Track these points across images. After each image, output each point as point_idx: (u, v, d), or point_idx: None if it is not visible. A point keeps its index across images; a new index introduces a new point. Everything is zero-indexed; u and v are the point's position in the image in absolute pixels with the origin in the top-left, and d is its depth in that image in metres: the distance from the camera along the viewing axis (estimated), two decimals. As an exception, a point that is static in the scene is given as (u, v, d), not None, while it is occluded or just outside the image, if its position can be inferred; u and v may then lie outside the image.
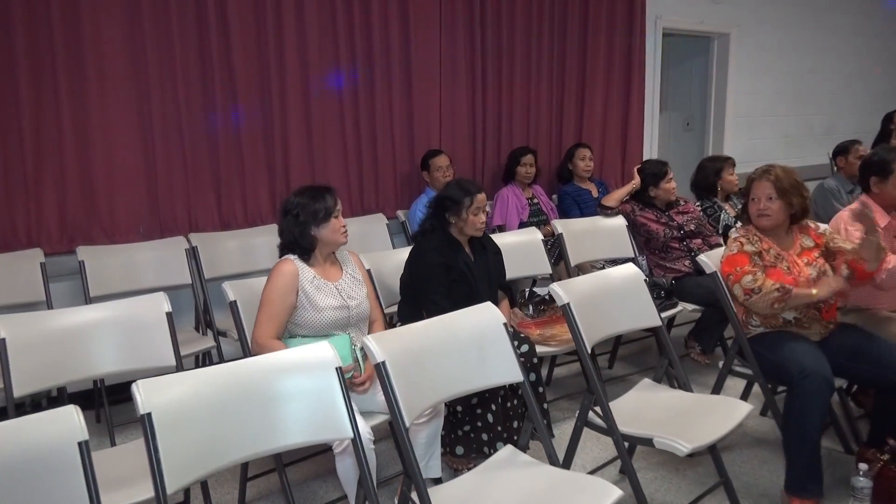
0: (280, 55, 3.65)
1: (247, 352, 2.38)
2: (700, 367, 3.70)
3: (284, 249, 2.42)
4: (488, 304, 2.14)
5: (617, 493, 1.76)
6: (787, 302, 2.45)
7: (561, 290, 2.30)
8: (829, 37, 6.76)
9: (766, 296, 2.43)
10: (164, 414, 1.49)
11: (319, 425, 1.68)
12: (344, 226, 2.44)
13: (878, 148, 3.29)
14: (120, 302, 2.21)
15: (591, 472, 2.62)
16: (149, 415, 1.48)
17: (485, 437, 2.63)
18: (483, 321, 2.09)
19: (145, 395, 1.50)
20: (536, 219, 4.34)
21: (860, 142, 4.39)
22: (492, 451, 2.55)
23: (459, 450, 2.65)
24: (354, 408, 2.17)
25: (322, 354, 1.75)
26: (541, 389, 2.76)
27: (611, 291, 2.51)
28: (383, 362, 1.77)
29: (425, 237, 2.72)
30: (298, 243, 2.37)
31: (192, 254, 3.36)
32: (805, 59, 6.60)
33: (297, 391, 1.67)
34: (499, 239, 3.42)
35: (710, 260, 2.79)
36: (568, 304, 2.29)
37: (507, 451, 2.08)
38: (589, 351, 2.28)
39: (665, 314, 3.35)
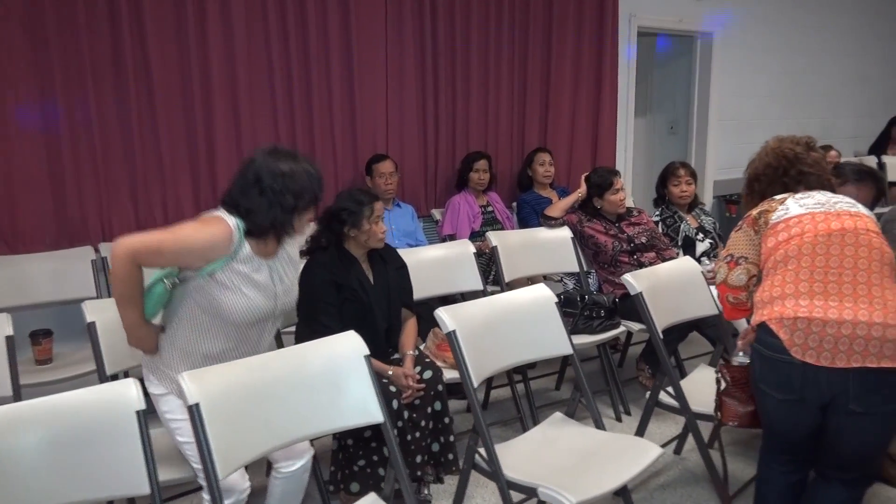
0: (202, 49, 3.42)
1: (104, 379, 2.16)
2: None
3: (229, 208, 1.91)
4: (350, 334, 1.90)
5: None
6: None
7: (446, 316, 2.06)
8: (824, 36, 6.41)
9: None
10: None
11: (102, 482, 1.44)
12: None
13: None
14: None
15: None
16: None
17: (382, 472, 2.39)
18: (341, 353, 1.85)
19: None
20: (490, 228, 4.08)
21: (832, 146, 4.08)
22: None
23: (354, 486, 2.41)
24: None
25: (121, 396, 1.52)
26: (447, 420, 2.51)
27: (513, 316, 2.25)
28: (196, 405, 1.54)
29: (316, 253, 2.48)
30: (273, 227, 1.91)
31: (101, 264, 3.16)
32: (798, 59, 6.27)
33: (71, 442, 1.43)
34: (428, 252, 3.20)
35: (637, 279, 2.53)
36: (453, 331, 2.04)
37: (368, 501, 1.83)
38: (475, 385, 2.03)
39: (604, 336, 3.09)
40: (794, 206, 1.94)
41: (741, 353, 2.06)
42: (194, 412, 1.53)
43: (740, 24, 5.73)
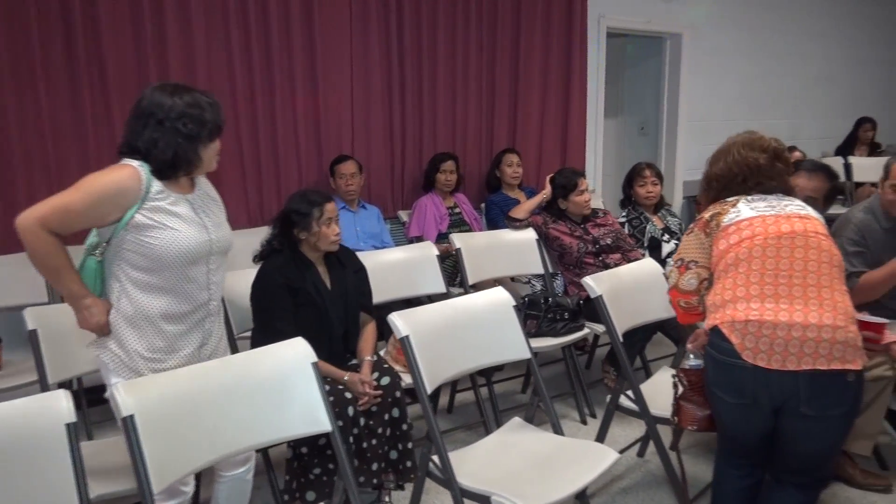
0: (160, 49, 3.35)
1: (46, 388, 2.09)
2: (616, 393, 3.41)
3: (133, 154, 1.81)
4: (298, 341, 1.85)
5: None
6: None
7: (400, 321, 2.02)
8: (792, 39, 6.47)
9: None
10: None
11: (27, 500, 1.38)
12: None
13: None
14: None
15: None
16: None
17: (338, 480, 2.34)
18: (287, 360, 1.80)
19: None
20: (458, 229, 4.05)
21: (795, 147, 4.11)
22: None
23: (310, 495, 2.35)
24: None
25: (50, 408, 1.45)
26: (405, 426, 2.47)
27: (470, 320, 2.22)
28: (130, 417, 1.48)
29: (271, 257, 2.42)
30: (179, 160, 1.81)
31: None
32: (766, 61, 6.32)
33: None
34: (390, 254, 3.16)
35: (598, 282, 2.51)
36: (406, 336, 2.00)
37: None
38: (428, 391, 1.99)
39: (567, 338, 3.07)
40: (746, 209, 1.93)
41: (692, 356, 2.04)
42: (128, 424, 1.47)
43: (709, 25, 5.76)
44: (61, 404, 1.46)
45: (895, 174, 2.52)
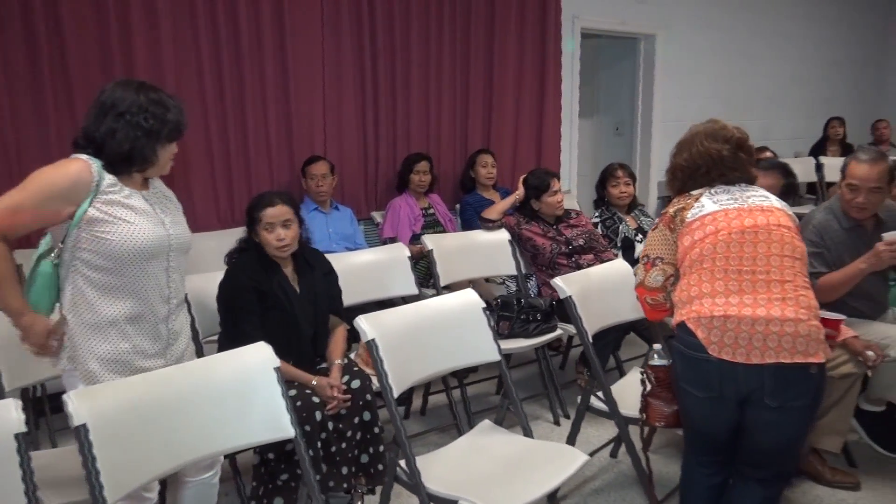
0: (127, 48, 3.29)
1: (2, 395, 2.04)
2: (589, 394, 3.41)
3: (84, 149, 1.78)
4: (261, 345, 1.81)
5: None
6: None
7: (366, 324, 1.99)
8: (765, 39, 6.55)
9: None
10: None
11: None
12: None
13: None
14: None
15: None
16: None
17: (303, 486, 2.30)
18: (249, 365, 1.76)
19: None
20: (432, 230, 4.03)
21: (766, 148, 4.14)
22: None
23: (278, 501, 2.31)
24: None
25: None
26: (376, 430, 2.44)
27: (438, 323, 2.20)
28: (83, 426, 1.44)
29: (239, 258, 2.38)
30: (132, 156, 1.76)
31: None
32: (740, 61, 6.38)
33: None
34: (361, 256, 3.13)
35: (568, 283, 2.50)
36: (373, 340, 1.97)
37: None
38: (395, 395, 1.96)
39: (540, 339, 3.06)
40: (709, 203, 1.93)
41: (657, 355, 2.05)
42: (81, 434, 1.43)
43: (682, 26, 5.80)
44: (10, 414, 1.42)
45: (851, 173, 2.53)
